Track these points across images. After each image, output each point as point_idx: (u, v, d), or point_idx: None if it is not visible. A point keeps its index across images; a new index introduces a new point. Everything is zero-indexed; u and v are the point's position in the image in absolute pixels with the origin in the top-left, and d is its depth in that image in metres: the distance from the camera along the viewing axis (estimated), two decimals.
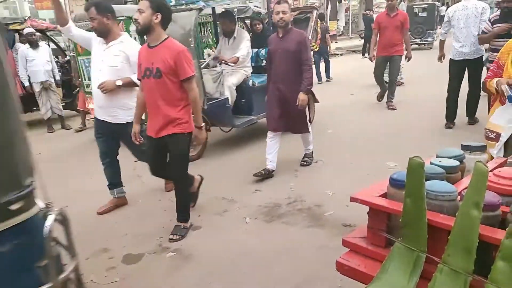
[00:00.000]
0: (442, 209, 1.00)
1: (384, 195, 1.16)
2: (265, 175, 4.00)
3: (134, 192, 3.88)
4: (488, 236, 0.87)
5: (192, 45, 4.31)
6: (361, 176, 3.80)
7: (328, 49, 10.61)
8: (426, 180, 1.03)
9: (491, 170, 1.18)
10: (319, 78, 10.16)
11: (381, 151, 4.59)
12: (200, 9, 4.56)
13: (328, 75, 10.32)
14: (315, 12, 6.20)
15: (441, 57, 5.64)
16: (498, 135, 2.18)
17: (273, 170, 4.07)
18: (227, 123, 5.08)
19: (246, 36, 5.10)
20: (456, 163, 1.25)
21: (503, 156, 1.89)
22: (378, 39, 6.38)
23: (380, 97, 6.90)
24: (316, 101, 5.81)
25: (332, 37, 11.93)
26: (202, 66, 4.92)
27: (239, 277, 2.48)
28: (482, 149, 1.45)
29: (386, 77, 6.66)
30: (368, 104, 6.99)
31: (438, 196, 1.00)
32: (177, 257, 2.76)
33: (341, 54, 15.94)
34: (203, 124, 2.96)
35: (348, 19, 24.33)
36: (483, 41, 4.67)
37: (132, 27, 4.85)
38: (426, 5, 15.25)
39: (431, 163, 1.24)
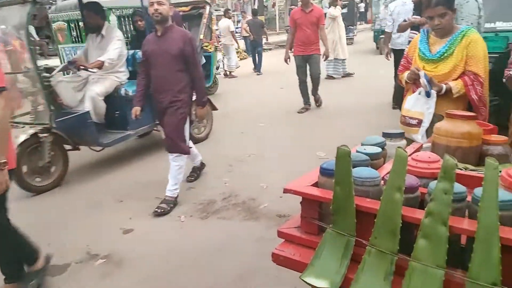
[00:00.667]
0: (368, 194, 1.05)
1: (316, 185, 1.19)
2: (198, 172, 3.92)
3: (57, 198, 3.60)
4: (409, 217, 0.93)
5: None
6: (293, 167, 3.90)
7: (265, 41, 10.94)
8: (353, 167, 1.07)
9: (410, 155, 1.26)
10: (258, 70, 10.41)
11: (312, 142, 4.76)
12: (36, 2, 3.47)
13: (259, 69, 10.51)
14: (207, 7, 5.54)
15: (387, 54, 5.93)
16: (420, 121, 2.30)
17: (202, 163, 3.96)
18: (91, 142, 4.07)
19: (118, 35, 4.17)
20: (379, 149, 1.33)
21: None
22: (294, 37, 5.98)
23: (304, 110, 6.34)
24: (215, 108, 5.16)
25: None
26: (56, 72, 3.81)
27: (176, 278, 2.41)
28: (401, 135, 1.56)
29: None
30: (299, 98, 7.23)
31: (364, 182, 1.05)
32: (108, 264, 2.60)
33: (270, 49, 16.23)
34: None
35: (275, 15, 24.86)
36: (401, 29, 4.98)
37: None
38: (346, 2, 16.10)
39: (357, 151, 1.30)
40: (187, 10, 6.04)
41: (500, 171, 0.98)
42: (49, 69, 3.87)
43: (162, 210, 3.19)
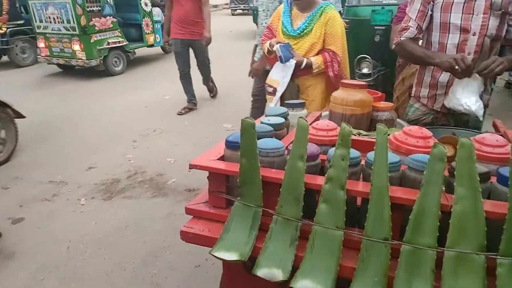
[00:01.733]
0: (273, 165, 1.06)
1: (222, 158, 1.17)
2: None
3: None
4: (311, 184, 0.97)
5: None
6: (200, 139, 3.85)
7: None
8: (258, 139, 1.08)
9: (310, 124, 1.31)
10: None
11: (218, 114, 4.73)
12: None
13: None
14: None
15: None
16: (275, 90, 2.30)
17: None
18: None
19: None
20: (282, 120, 1.35)
21: None
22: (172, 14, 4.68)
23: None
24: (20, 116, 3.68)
25: None
26: None
27: (77, 264, 2.25)
28: (302, 105, 1.61)
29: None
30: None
31: (269, 153, 1.06)
32: None
33: None
34: None
35: None
36: None
37: None
38: None
39: (262, 122, 1.31)
40: None
41: (389, 135, 1.07)
42: None
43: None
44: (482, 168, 0.88)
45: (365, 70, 4.74)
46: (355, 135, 1.46)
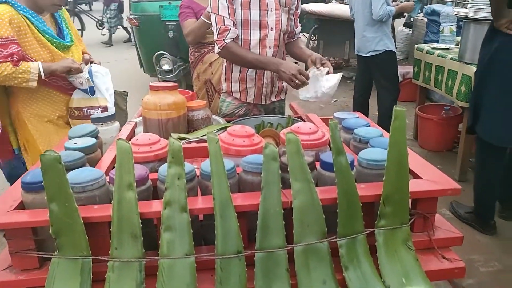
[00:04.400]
0: (94, 200, 0.88)
1: (21, 205, 0.90)
2: None
3: None
4: (148, 213, 0.84)
5: None
6: None
7: None
8: (68, 171, 0.87)
9: (129, 139, 1.15)
10: None
11: None
12: None
13: None
14: None
15: None
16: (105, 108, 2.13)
17: None
18: None
19: None
20: (93, 140, 1.14)
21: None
22: None
23: None
24: None
25: None
26: None
27: None
28: (112, 118, 1.42)
29: None
30: None
31: (86, 187, 0.87)
32: None
33: None
34: None
35: None
36: None
37: None
38: None
39: (67, 148, 1.08)
40: None
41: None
42: None
43: None
44: (307, 159, 0.93)
45: (165, 67, 4.68)
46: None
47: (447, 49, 3.38)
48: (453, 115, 3.46)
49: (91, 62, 2.10)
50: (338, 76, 1.74)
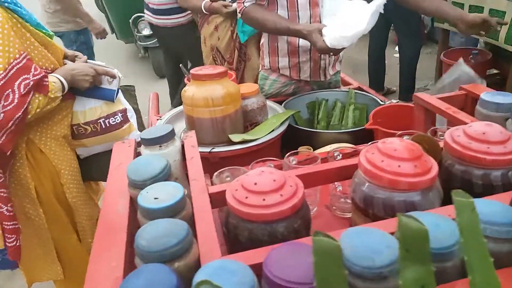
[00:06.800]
0: None
1: None
2: None
3: None
4: None
5: None
6: None
7: None
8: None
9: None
10: None
11: None
12: None
13: None
14: None
15: None
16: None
17: None
18: None
19: None
20: (180, 189, 0.70)
21: None
22: None
23: None
24: None
25: None
26: None
27: None
28: (172, 134, 0.96)
29: None
30: None
31: None
32: None
33: None
34: None
35: None
36: None
37: None
38: None
39: (148, 210, 0.66)
40: None
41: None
42: None
43: None
44: None
45: (146, 32, 4.08)
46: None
47: None
48: (482, 60, 3.14)
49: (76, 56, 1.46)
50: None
